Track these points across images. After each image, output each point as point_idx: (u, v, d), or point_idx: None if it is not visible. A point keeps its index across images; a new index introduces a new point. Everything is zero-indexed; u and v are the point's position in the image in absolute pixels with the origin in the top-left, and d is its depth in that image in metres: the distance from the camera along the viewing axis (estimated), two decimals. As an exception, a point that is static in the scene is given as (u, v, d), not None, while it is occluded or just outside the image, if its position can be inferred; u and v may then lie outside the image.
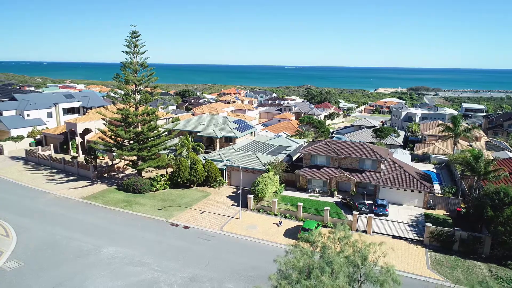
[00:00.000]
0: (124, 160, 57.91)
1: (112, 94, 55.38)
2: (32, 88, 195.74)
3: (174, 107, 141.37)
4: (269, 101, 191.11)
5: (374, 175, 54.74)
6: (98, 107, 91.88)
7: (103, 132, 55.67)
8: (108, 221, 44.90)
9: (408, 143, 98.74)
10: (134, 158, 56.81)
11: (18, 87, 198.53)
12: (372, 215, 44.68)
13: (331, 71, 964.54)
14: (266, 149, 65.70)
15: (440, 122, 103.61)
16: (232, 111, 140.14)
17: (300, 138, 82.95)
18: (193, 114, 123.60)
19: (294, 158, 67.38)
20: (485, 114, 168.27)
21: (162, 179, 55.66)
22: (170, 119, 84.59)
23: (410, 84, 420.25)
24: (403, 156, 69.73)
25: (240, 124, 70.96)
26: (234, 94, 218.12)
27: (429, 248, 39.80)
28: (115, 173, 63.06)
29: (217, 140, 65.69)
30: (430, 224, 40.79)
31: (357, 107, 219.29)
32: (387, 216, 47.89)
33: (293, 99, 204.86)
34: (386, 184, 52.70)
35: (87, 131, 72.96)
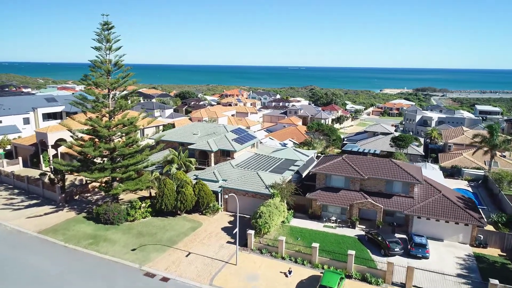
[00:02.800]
0: (98, 182, 47.20)
1: (78, 100, 44.67)
2: (29, 89, 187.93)
3: (171, 110, 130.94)
4: (273, 103, 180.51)
5: (406, 202, 43.84)
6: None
7: (70, 146, 45.08)
8: (63, 268, 34.23)
9: (430, 153, 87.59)
10: (109, 178, 46.11)
11: (15, 88, 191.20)
12: (409, 259, 33.90)
13: (333, 71, 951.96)
14: (270, 164, 54.99)
15: (466, 129, 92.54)
16: (233, 115, 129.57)
17: (309, 149, 72.18)
18: (190, 119, 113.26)
19: (304, 174, 56.71)
20: (504, 117, 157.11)
21: (142, 205, 44.94)
22: (160, 127, 73.98)
23: (413, 85, 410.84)
24: (432, 172, 58.60)
25: (239, 134, 60.23)
26: (236, 95, 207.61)
27: (496, 315, 28.94)
28: (89, 194, 52.42)
29: (212, 154, 55.00)
30: (497, 282, 29.80)
31: (364, 109, 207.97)
32: (428, 258, 37.10)
33: (298, 101, 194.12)
34: (422, 213, 41.78)
35: (61, 141, 62.38)
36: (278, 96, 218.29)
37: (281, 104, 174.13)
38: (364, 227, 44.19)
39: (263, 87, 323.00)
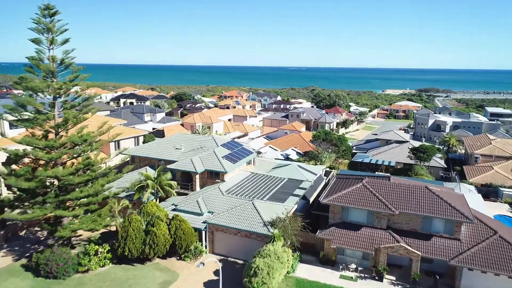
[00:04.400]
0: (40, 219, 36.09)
1: (7, 110, 33.92)
2: (21, 91, 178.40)
3: (163, 114, 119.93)
4: (274, 105, 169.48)
5: (451, 246, 32.81)
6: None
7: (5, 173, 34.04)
8: None
9: (452, 165, 75.99)
10: (55, 214, 34.96)
11: (6, 89, 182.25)
12: None
13: (334, 72, 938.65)
14: (269, 188, 43.97)
15: (492, 137, 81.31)
16: (230, 120, 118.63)
17: (316, 164, 61.18)
18: (182, 125, 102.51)
19: (311, 199, 45.82)
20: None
21: (100, 250, 33.88)
22: (141, 138, 62.83)
23: (415, 85, 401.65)
24: (469, 195, 47.41)
25: (232, 150, 49.16)
26: (236, 97, 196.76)
27: None
28: (39, 229, 41.36)
29: (197, 176, 43.95)
30: None
31: (369, 111, 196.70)
32: (492, 337, 26.20)
33: (300, 103, 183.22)
34: (476, 265, 30.79)
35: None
36: (279, 98, 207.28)
37: (282, 106, 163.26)
38: (394, 278, 33.31)
39: (263, 87, 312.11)
